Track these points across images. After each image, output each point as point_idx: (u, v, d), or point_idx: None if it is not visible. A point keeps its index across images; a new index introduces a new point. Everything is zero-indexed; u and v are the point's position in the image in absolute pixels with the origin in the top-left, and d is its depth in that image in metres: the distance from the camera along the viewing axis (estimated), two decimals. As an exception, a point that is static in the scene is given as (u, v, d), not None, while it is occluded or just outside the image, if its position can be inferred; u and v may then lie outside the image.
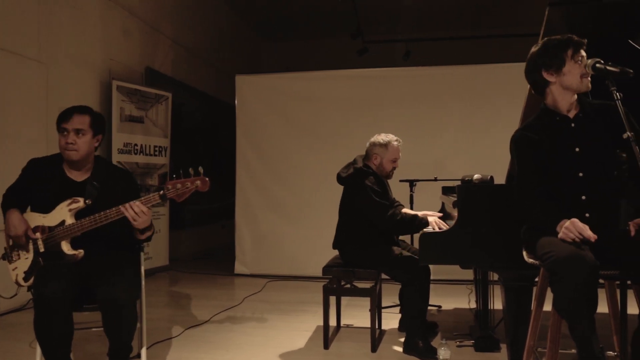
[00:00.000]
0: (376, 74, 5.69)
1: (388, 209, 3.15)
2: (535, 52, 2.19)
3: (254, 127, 5.81)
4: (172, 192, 2.29)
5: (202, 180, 2.30)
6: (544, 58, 2.14)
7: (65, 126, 2.44)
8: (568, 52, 2.09)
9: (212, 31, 8.02)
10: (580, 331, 1.87)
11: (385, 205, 3.17)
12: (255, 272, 5.69)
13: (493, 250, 2.62)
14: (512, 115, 3.11)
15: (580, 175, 2.09)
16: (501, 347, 3.09)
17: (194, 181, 2.29)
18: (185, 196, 2.30)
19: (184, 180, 2.29)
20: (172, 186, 2.29)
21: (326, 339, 3.21)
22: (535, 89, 2.25)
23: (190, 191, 2.30)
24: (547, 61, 2.13)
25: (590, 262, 1.82)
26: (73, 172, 2.53)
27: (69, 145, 2.43)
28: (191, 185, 2.29)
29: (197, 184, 2.29)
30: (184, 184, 2.28)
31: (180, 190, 2.28)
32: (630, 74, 1.92)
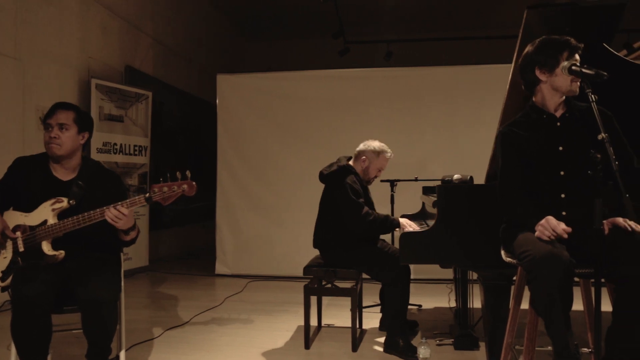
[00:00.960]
0: (358, 75, 5.71)
1: (362, 208, 3.17)
2: (533, 49, 2.20)
3: (235, 126, 5.79)
4: (159, 196, 2.26)
5: (189, 185, 2.28)
6: (540, 56, 2.16)
7: (50, 122, 2.43)
8: (564, 54, 2.12)
9: (194, 30, 7.96)
10: (556, 328, 1.90)
11: (360, 205, 3.18)
12: (236, 272, 5.67)
13: (472, 250, 2.65)
14: (491, 115, 3.16)
15: (561, 174, 2.13)
16: (480, 345, 3.13)
17: (180, 185, 2.27)
18: (171, 200, 2.28)
19: (171, 184, 2.27)
20: (158, 189, 2.27)
21: (307, 339, 3.22)
22: (526, 86, 2.27)
23: (176, 195, 2.28)
24: (542, 60, 2.15)
25: (565, 261, 1.85)
26: (59, 171, 2.49)
27: (52, 139, 2.41)
28: (178, 189, 2.27)
29: (183, 188, 2.27)
30: (170, 188, 2.26)
31: (167, 193, 2.26)
32: (605, 76, 1.96)
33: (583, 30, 2.17)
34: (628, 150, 2.15)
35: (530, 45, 2.22)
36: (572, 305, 1.90)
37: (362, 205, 3.18)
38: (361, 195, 3.25)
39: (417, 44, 8.64)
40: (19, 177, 2.46)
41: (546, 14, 2.74)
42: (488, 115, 3.88)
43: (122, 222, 2.28)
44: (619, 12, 2.64)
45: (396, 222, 3.16)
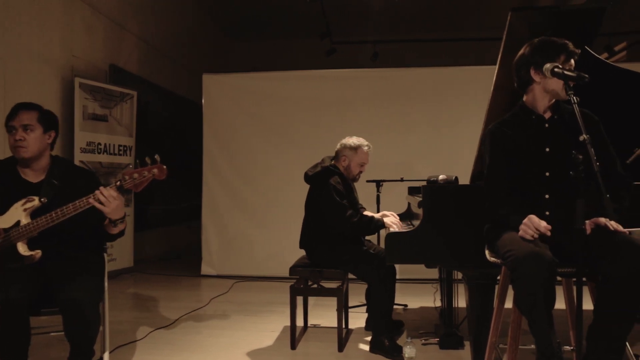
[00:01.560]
0: (344, 75, 5.72)
1: (346, 210, 3.17)
2: (530, 49, 2.19)
3: (221, 126, 5.76)
4: (130, 182, 2.24)
5: (159, 168, 2.25)
6: (536, 57, 2.15)
7: (13, 124, 2.38)
8: (561, 57, 2.12)
9: (179, 29, 7.91)
10: (539, 327, 1.92)
11: (344, 206, 3.18)
12: (222, 273, 5.64)
13: (457, 250, 2.68)
14: (476, 116, 3.18)
15: (546, 174, 2.15)
16: (465, 345, 3.15)
17: (150, 169, 2.24)
18: (144, 185, 2.25)
19: (141, 170, 2.24)
20: (129, 176, 2.24)
21: (293, 339, 3.22)
22: (519, 84, 2.27)
23: (147, 180, 2.25)
24: (538, 60, 2.14)
25: (548, 260, 1.88)
26: (28, 174, 2.45)
27: (17, 142, 2.36)
28: (148, 174, 2.24)
29: (154, 172, 2.24)
30: (140, 173, 2.24)
31: (138, 179, 2.23)
32: (586, 78, 1.99)
33: (565, 33, 2.19)
34: (612, 154, 2.18)
35: (528, 45, 2.21)
36: (554, 304, 1.92)
37: (346, 207, 3.19)
38: (345, 196, 3.26)
39: (403, 45, 8.69)
40: None
41: (529, 16, 2.78)
42: (473, 116, 3.91)
43: (113, 206, 2.22)
44: (599, 16, 2.69)
45: (380, 222, 3.18)
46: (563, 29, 2.27)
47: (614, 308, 1.87)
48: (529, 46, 2.20)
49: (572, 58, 2.13)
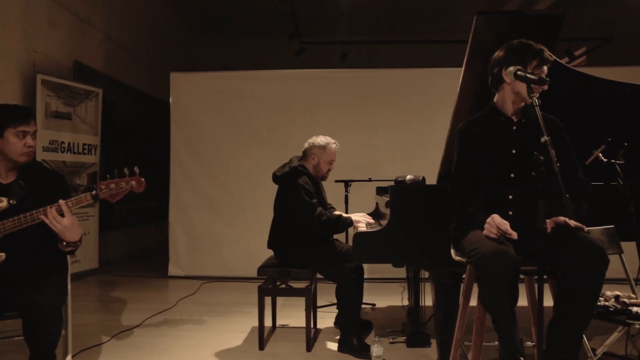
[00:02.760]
0: (313, 75, 5.73)
1: (315, 209, 3.19)
2: (506, 49, 2.21)
3: (189, 126, 5.70)
4: (106, 193, 2.19)
5: (138, 181, 2.22)
6: (510, 58, 2.17)
7: (26, 129, 2.35)
8: (534, 62, 2.15)
9: (147, 27, 7.78)
10: (503, 323, 1.97)
11: (313, 205, 3.20)
12: (189, 273, 5.58)
13: (423, 249, 2.71)
14: (443, 117, 3.22)
15: (511, 176, 2.20)
16: (432, 342, 3.20)
17: (128, 181, 2.21)
18: (119, 197, 2.21)
19: (119, 181, 2.20)
20: (105, 186, 2.20)
21: (261, 340, 3.20)
22: (491, 82, 2.30)
23: (124, 192, 2.21)
24: (511, 60, 2.16)
25: (512, 258, 1.93)
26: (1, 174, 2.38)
27: (29, 149, 2.35)
28: (126, 186, 2.20)
29: (132, 184, 2.21)
30: (118, 185, 2.20)
31: (114, 190, 2.19)
32: (547, 81, 2.05)
33: (528, 37, 2.25)
34: (574, 160, 2.25)
35: (505, 45, 2.23)
36: (517, 301, 1.97)
37: (315, 206, 3.20)
38: (314, 196, 3.27)
39: (371, 46, 8.76)
40: None
41: (494, 20, 2.83)
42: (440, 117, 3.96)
43: (59, 229, 2.16)
44: (559, 22, 2.77)
45: (349, 221, 3.20)
46: (526, 33, 2.32)
47: (573, 304, 1.93)
48: (506, 47, 2.22)
49: (545, 64, 2.16)
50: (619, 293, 2.37)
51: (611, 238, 2.64)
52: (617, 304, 2.31)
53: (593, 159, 2.87)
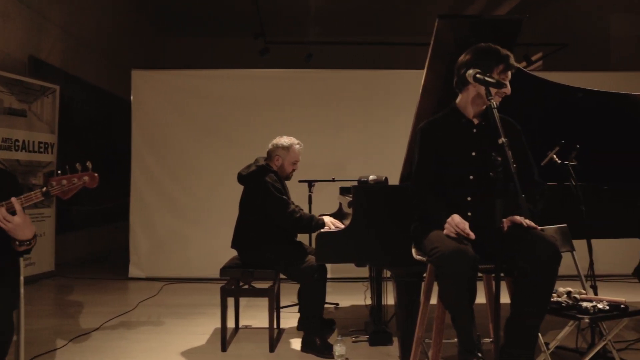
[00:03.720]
0: (277, 75, 5.73)
1: (288, 205, 3.20)
2: (473, 51, 2.24)
3: (151, 124, 5.59)
4: (57, 189, 2.11)
5: (90, 176, 2.15)
6: (477, 60, 2.20)
7: None
8: (499, 66, 2.18)
9: (107, 22, 7.58)
10: (461, 321, 2.01)
11: (285, 201, 3.21)
12: (151, 275, 5.47)
13: (386, 249, 2.74)
14: (406, 118, 3.27)
15: (470, 177, 2.24)
16: (394, 341, 3.23)
17: (81, 177, 2.13)
18: (72, 193, 2.14)
19: (70, 176, 2.13)
20: (56, 182, 2.12)
21: (224, 341, 3.17)
22: (456, 83, 2.32)
23: (77, 188, 2.14)
24: (477, 64, 2.19)
25: (471, 256, 1.97)
26: None
27: None
28: (78, 182, 2.13)
29: (84, 179, 2.14)
30: (70, 180, 2.12)
31: (66, 186, 2.12)
32: (505, 85, 2.10)
33: (486, 40, 2.30)
34: (531, 162, 2.31)
35: (473, 48, 2.26)
36: (475, 299, 2.02)
37: (288, 202, 3.21)
38: (284, 194, 3.27)
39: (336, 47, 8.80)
40: None
41: (455, 23, 2.89)
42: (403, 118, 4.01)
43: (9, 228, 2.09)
44: (517, 26, 2.85)
45: (321, 222, 3.20)
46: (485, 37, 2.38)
47: (528, 301, 1.99)
48: (473, 50, 2.25)
49: (510, 70, 2.21)
50: (571, 289, 2.45)
51: (564, 236, 2.74)
52: (569, 299, 2.39)
53: (548, 160, 2.97)
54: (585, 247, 2.86)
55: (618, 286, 4.92)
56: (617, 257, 4.86)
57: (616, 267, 5.14)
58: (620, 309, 2.32)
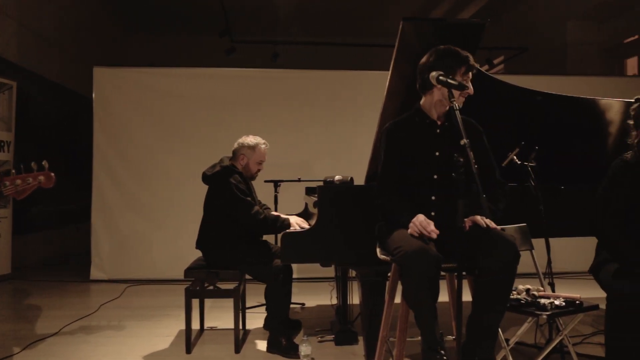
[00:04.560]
0: (243, 74, 5.70)
1: (252, 207, 3.17)
2: (436, 54, 2.27)
3: (114, 123, 5.48)
4: (11, 189, 2.05)
5: (46, 176, 2.09)
6: (440, 62, 2.23)
7: None
8: (462, 68, 2.22)
9: (68, 17, 7.37)
10: (425, 319, 2.04)
11: (249, 202, 3.18)
12: (113, 277, 5.36)
13: (350, 248, 2.76)
14: (371, 119, 3.30)
15: (434, 177, 2.28)
16: (359, 340, 3.26)
17: (36, 177, 2.08)
18: (27, 193, 2.08)
19: (25, 176, 2.07)
20: (10, 182, 2.05)
21: (188, 343, 3.13)
22: (420, 86, 2.35)
23: (32, 187, 2.08)
24: (441, 66, 2.21)
25: (434, 256, 2.00)
26: None
27: None
28: (33, 181, 2.07)
29: (40, 179, 2.08)
30: (24, 180, 2.06)
31: (21, 186, 2.05)
32: (467, 87, 2.15)
33: (451, 43, 2.35)
34: (492, 162, 2.37)
35: (435, 50, 2.29)
36: (438, 297, 2.06)
37: (252, 204, 3.18)
38: (248, 195, 3.25)
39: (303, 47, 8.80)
40: None
41: (419, 26, 2.93)
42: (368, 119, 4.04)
43: None
44: (480, 30, 2.92)
45: (287, 222, 3.18)
46: (449, 40, 2.42)
47: (488, 298, 2.04)
48: (435, 52, 2.29)
49: (471, 71, 2.27)
50: (530, 286, 2.53)
51: (523, 235, 2.82)
52: (528, 296, 2.46)
53: (508, 161, 3.06)
54: (544, 245, 2.95)
55: (574, 283, 5.10)
56: (574, 255, 5.03)
57: (573, 264, 5.33)
58: (576, 305, 2.40)
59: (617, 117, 3.50)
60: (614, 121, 3.52)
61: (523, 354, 3.03)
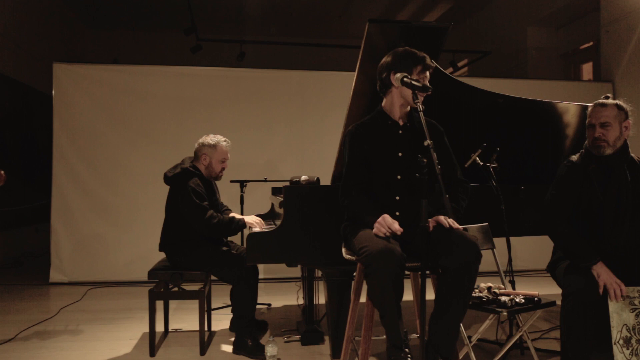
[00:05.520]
0: (209, 73, 5.64)
1: (205, 212, 3.13)
2: (393, 55, 2.33)
3: (74, 121, 5.32)
4: None
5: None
6: (397, 63, 2.29)
7: None
8: (417, 67, 2.27)
9: (25, 12, 7.12)
10: (389, 318, 2.07)
11: (203, 208, 3.13)
12: (74, 279, 5.22)
13: (316, 248, 2.78)
14: (338, 120, 3.33)
15: (398, 177, 2.31)
16: (325, 340, 3.27)
17: None
18: None
19: None
20: None
21: (152, 346, 3.08)
22: (380, 87, 2.40)
23: None
24: (398, 66, 2.28)
25: (398, 255, 2.03)
26: None
27: None
28: None
29: None
30: None
31: None
32: (430, 89, 2.19)
33: (414, 46, 2.39)
34: (454, 162, 2.43)
35: (392, 51, 2.36)
36: (402, 296, 2.09)
37: (205, 209, 3.13)
38: (205, 198, 3.20)
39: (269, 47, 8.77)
40: None
41: (385, 28, 2.98)
42: (334, 119, 4.08)
43: None
44: (444, 33, 2.98)
45: (242, 222, 3.18)
46: (413, 42, 2.47)
47: (451, 297, 2.08)
48: (392, 53, 2.35)
49: (428, 70, 2.32)
50: (491, 284, 2.60)
51: (485, 235, 2.88)
52: (489, 294, 2.52)
53: (471, 162, 3.12)
54: (505, 244, 3.03)
55: (534, 280, 5.25)
56: (534, 253, 5.19)
57: (533, 262, 5.50)
58: (534, 301, 2.48)
59: (574, 120, 3.63)
60: (570, 123, 3.65)
61: (485, 350, 3.11)
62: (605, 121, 2.36)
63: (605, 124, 2.36)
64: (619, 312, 2.19)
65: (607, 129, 2.36)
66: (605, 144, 2.37)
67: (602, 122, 2.37)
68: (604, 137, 2.36)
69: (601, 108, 2.39)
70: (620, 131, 2.38)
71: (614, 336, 2.17)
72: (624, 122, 2.39)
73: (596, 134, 2.38)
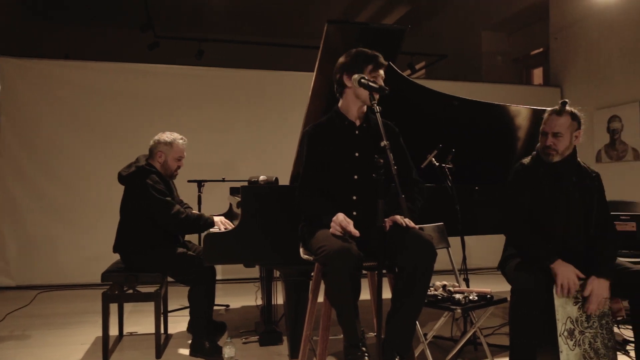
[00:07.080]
0: (166, 71, 5.55)
1: (172, 206, 3.08)
2: (346, 56, 2.36)
3: (23, 117, 5.14)
4: None
5: None
6: (349, 63, 2.32)
7: None
8: (369, 66, 2.30)
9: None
10: (346, 317, 2.09)
11: (168, 202, 3.08)
12: (22, 283, 5.03)
13: (274, 249, 2.77)
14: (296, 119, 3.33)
15: (355, 177, 2.33)
16: (284, 340, 3.27)
17: None
18: None
19: None
20: None
21: (105, 351, 3.00)
22: (336, 88, 2.42)
23: None
24: (350, 67, 2.31)
25: (355, 254, 2.05)
26: None
27: None
28: None
29: None
30: None
31: None
32: (387, 90, 2.22)
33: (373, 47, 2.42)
34: (409, 162, 2.47)
35: (346, 52, 2.39)
36: (359, 295, 2.11)
37: (172, 204, 3.08)
38: (167, 194, 3.15)
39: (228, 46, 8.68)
40: None
41: (343, 29, 3.00)
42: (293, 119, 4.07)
43: None
44: (401, 35, 3.03)
45: (210, 220, 3.12)
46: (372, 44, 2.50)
47: (407, 295, 2.11)
48: (346, 54, 2.38)
49: (380, 68, 2.35)
50: (446, 283, 2.66)
51: (441, 234, 2.95)
52: (444, 292, 2.58)
53: (427, 162, 3.19)
54: (460, 243, 3.11)
55: (488, 278, 5.41)
56: (487, 251, 5.34)
57: (486, 261, 5.67)
58: (487, 298, 2.55)
59: (525, 123, 3.76)
60: (522, 126, 3.78)
61: (440, 347, 3.18)
62: (558, 131, 2.44)
63: (558, 134, 2.44)
64: (563, 306, 2.28)
65: (559, 138, 2.45)
66: (554, 152, 2.46)
67: (555, 132, 2.45)
68: (554, 146, 2.45)
69: (556, 117, 2.46)
70: (571, 141, 2.48)
71: (559, 328, 2.26)
72: (575, 132, 2.48)
73: (547, 142, 2.47)
